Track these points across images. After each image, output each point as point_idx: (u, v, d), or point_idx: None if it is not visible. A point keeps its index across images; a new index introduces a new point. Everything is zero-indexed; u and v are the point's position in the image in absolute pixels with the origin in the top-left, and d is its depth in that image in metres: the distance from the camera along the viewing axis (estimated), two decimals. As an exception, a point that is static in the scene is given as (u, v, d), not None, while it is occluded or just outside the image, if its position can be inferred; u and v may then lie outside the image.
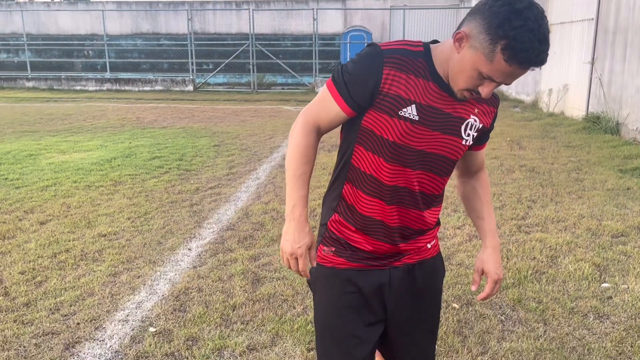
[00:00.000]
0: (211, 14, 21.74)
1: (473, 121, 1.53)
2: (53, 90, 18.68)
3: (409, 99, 1.44)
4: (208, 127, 10.12)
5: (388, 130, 1.46)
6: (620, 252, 3.91)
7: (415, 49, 1.46)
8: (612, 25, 8.80)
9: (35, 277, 3.62)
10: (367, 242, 1.60)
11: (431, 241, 1.70)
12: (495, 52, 1.29)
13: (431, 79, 1.45)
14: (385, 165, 1.50)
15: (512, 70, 1.31)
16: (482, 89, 1.38)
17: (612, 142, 7.66)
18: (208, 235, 4.41)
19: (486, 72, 1.33)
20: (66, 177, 6.19)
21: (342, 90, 1.48)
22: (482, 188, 1.75)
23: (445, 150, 1.52)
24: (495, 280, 1.68)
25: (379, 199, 1.54)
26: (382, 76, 1.43)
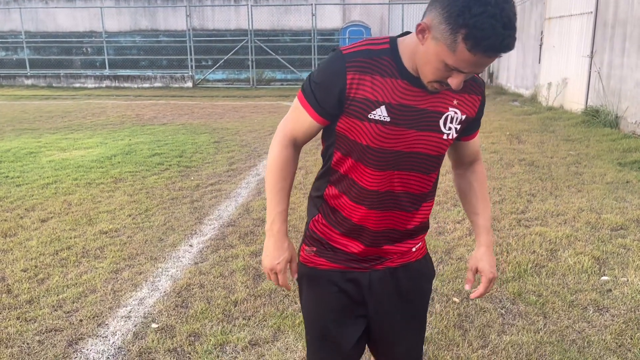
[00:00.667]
0: (210, 10, 21.69)
1: (453, 114, 1.46)
2: (52, 87, 18.67)
3: (377, 101, 1.39)
4: (208, 124, 10.12)
5: (361, 134, 1.43)
6: (620, 245, 3.93)
7: (379, 47, 1.41)
8: (611, 18, 8.79)
9: (37, 274, 3.64)
10: (350, 244, 1.57)
11: (417, 244, 1.65)
12: (457, 42, 1.22)
13: (399, 76, 1.40)
14: (366, 170, 1.47)
15: (477, 60, 1.24)
16: (451, 81, 1.31)
17: (611, 135, 7.67)
18: (209, 231, 4.42)
19: (451, 63, 1.27)
20: (67, 174, 6.20)
21: (311, 100, 1.45)
22: (478, 182, 1.69)
23: (425, 147, 1.46)
24: (489, 278, 1.64)
25: (360, 204, 1.51)
26: (347, 82, 1.39)
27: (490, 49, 1.21)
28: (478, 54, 1.22)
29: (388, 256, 1.60)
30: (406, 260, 1.63)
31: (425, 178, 1.52)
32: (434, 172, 1.54)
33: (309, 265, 1.63)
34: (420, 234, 1.64)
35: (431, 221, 4.49)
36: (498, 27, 1.18)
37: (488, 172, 5.98)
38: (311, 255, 1.62)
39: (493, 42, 1.20)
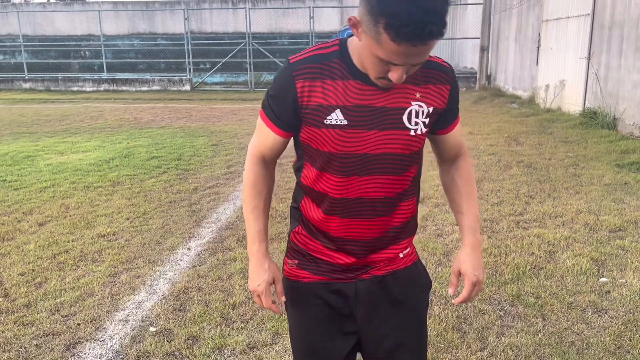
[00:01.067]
0: (208, 13, 21.72)
1: (417, 107, 1.39)
2: (50, 91, 18.66)
3: (330, 105, 1.35)
4: (206, 127, 10.12)
5: (322, 142, 1.38)
6: (618, 246, 3.93)
7: (328, 50, 1.37)
8: (608, 20, 8.82)
9: (35, 278, 3.63)
10: (332, 255, 1.52)
11: (404, 250, 1.56)
12: (380, 33, 1.16)
13: (351, 77, 1.35)
14: (332, 179, 1.42)
15: (405, 50, 1.16)
16: (391, 75, 1.25)
17: (609, 137, 7.68)
18: (207, 234, 4.42)
19: (382, 56, 1.20)
20: (64, 178, 6.19)
21: (269, 114, 1.44)
22: (462, 178, 1.59)
23: (393, 147, 1.39)
24: (472, 282, 1.52)
25: (333, 214, 1.46)
26: (297, 90, 1.35)
27: (413, 37, 1.14)
28: (402, 43, 1.15)
29: (374, 264, 1.53)
30: (394, 267, 1.54)
31: (399, 179, 1.44)
32: (407, 172, 1.46)
33: (292, 279, 1.57)
34: (405, 238, 1.56)
35: (429, 224, 4.49)
36: (418, 14, 1.11)
37: (486, 174, 5.98)
38: (294, 268, 1.57)
39: (414, 30, 1.12)
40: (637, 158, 6.37)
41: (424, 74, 1.40)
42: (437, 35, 1.15)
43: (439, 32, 1.15)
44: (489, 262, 3.72)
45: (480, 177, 5.89)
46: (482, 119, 10.16)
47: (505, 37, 15.07)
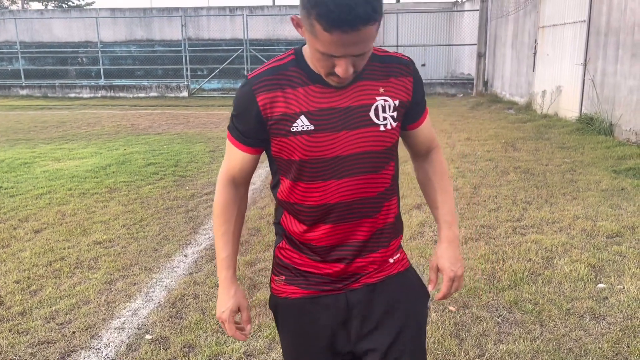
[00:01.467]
0: (205, 19, 21.76)
1: (383, 102, 1.38)
2: (47, 97, 18.64)
3: (294, 113, 1.35)
4: (203, 133, 10.12)
5: (292, 151, 1.37)
6: (616, 252, 3.93)
7: (284, 61, 1.38)
8: (603, 26, 8.86)
9: (30, 285, 3.60)
10: (316, 266, 1.48)
11: (393, 254, 1.52)
12: (313, 25, 1.18)
13: (311, 82, 1.35)
14: (308, 187, 1.40)
15: (338, 38, 1.16)
16: (337, 70, 1.25)
17: (605, 142, 7.70)
18: (204, 241, 4.40)
19: (321, 49, 1.21)
20: (61, 184, 6.17)
21: (234, 133, 1.44)
22: (435, 173, 1.57)
23: (365, 145, 1.38)
24: (450, 277, 1.51)
25: (315, 224, 1.43)
26: (259, 105, 1.35)
27: (341, 23, 1.14)
28: (333, 31, 1.15)
29: (363, 271, 1.48)
30: (386, 273, 1.50)
31: (377, 177, 1.42)
32: (384, 169, 1.44)
33: (280, 296, 1.54)
34: (391, 239, 1.52)
35: (427, 230, 4.48)
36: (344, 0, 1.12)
37: (483, 180, 5.98)
38: (281, 284, 1.54)
39: (340, 15, 1.12)
40: (634, 164, 6.38)
41: (383, 69, 1.41)
42: (365, 18, 1.14)
43: (367, 15, 1.14)
44: (487, 268, 3.72)
45: (477, 183, 5.89)
46: (479, 124, 10.17)
47: (502, 44, 15.13)
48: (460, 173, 6.34)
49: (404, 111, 1.44)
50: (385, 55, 1.43)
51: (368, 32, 1.18)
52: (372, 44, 1.25)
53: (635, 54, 7.80)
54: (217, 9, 22.35)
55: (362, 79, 1.38)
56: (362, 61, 1.27)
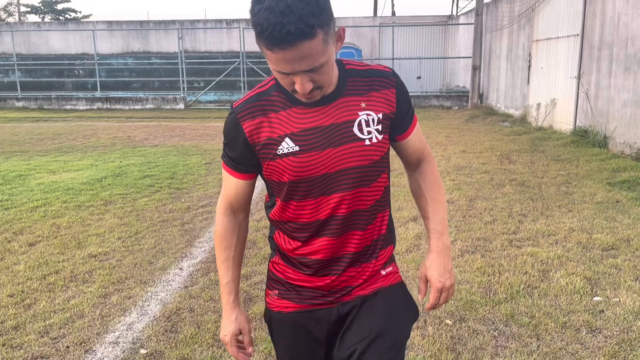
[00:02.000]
0: (202, 32, 21.86)
1: (366, 116, 1.40)
2: (43, 109, 18.64)
3: (279, 136, 1.38)
4: (199, 145, 10.12)
5: (281, 173, 1.41)
6: (611, 265, 3.93)
7: (266, 87, 1.42)
8: (597, 40, 8.94)
9: (24, 299, 3.58)
10: (309, 280, 1.51)
11: (386, 266, 1.54)
12: (260, 46, 1.22)
13: (292, 104, 1.38)
14: (299, 205, 1.44)
15: (280, 55, 1.20)
16: (296, 87, 1.28)
17: (600, 155, 7.74)
18: (199, 254, 4.39)
19: (273, 68, 1.26)
20: (56, 197, 6.15)
21: (227, 160, 1.50)
22: (426, 183, 1.58)
23: (352, 160, 1.40)
24: (438, 288, 1.48)
25: (309, 239, 1.46)
26: (245, 132, 1.40)
27: (274, 41, 1.17)
28: (273, 48, 1.19)
29: (355, 281, 1.49)
30: (378, 285, 1.51)
31: (368, 190, 1.44)
32: (374, 181, 1.45)
33: (274, 310, 1.57)
34: (382, 249, 1.53)
35: (423, 242, 4.48)
36: (275, 17, 1.15)
37: (479, 193, 6.00)
38: (275, 298, 1.57)
39: (273, 33, 1.16)
40: (628, 176, 6.42)
41: (365, 83, 1.43)
42: (297, 34, 1.16)
43: (299, 31, 1.16)
44: (483, 281, 3.71)
45: (473, 195, 5.90)
46: (475, 137, 10.22)
47: (497, 57, 15.25)
48: (455, 185, 6.35)
49: (390, 123, 1.46)
50: (366, 70, 1.45)
51: (309, 47, 1.19)
52: (322, 59, 1.24)
53: (628, 68, 7.87)
54: (213, 21, 22.46)
55: (344, 95, 1.40)
56: (320, 76, 1.28)
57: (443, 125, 12.22)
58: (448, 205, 5.56)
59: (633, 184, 6.13)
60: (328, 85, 1.34)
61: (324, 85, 1.32)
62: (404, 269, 3.95)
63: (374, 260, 1.51)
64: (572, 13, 10.02)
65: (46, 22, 27.29)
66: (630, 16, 7.83)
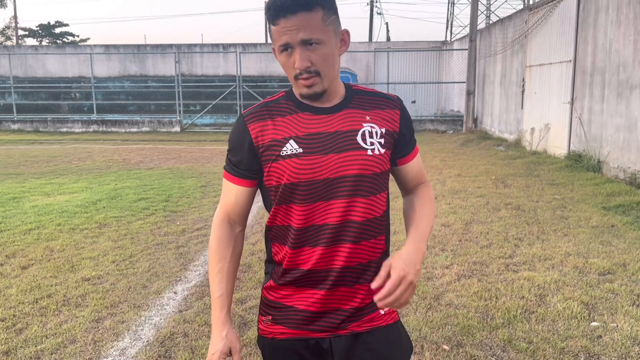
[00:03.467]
0: (199, 56, 22.05)
1: (370, 128, 1.46)
2: (39, 132, 18.64)
3: (284, 138, 1.42)
4: (195, 168, 10.11)
5: (282, 175, 1.42)
6: (608, 290, 3.92)
7: (275, 97, 1.51)
8: (589, 66, 9.07)
9: (15, 324, 3.52)
10: (301, 297, 1.48)
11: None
12: (270, 30, 1.40)
13: (300, 110, 1.45)
14: (297, 209, 1.44)
15: (283, 26, 1.35)
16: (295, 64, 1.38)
17: (594, 179, 7.78)
18: (194, 277, 4.35)
19: (277, 44, 1.38)
20: (50, 220, 6.10)
21: (229, 167, 1.52)
22: (419, 199, 1.57)
23: (353, 168, 1.42)
24: (400, 275, 1.31)
25: (303, 246, 1.45)
26: (251, 134, 1.44)
27: (282, 10, 1.34)
28: (278, 20, 1.35)
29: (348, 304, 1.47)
30: (375, 324, 1.49)
31: (366, 202, 1.44)
32: (374, 195, 1.45)
33: (268, 336, 1.54)
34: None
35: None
36: None
37: (475, 217, 6.00)
38: (268, 324, 1.54)
39: (276, 3, 1.34)
40: (623, 201, 6.44)
41: (370, 100, 1.51)
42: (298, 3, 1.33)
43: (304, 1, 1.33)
44: (480, 306, 3.69)
45: (469, 219, 5.90)
46: (470, 161, 10.27)
47: (491, 82, 15.42)
48: (451, 209, 6.36)
49: (392, 141, 1.50)
50: (372, 91, 1.55)
51: (307, 18, 1.34)
52: (320, 35, 1.36)
53: (620, 93, 7.97)
54: (210, 45, 22.68)
55: (349, 107, 1.47)
56: (317, 56, 1.37)
57: (438, 149, 12.28)
58: (444, 228, 5.56)
59: (628, 208, 6.15)
60: (327, 74, 1.40)
61: (321, 71, 1.39)
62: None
63: (368, 285, 1.46)
64: (564, 39, 10.18)
65: (44, 46, 27.45)
66: (622, 43, 7.96)
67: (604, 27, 8.53)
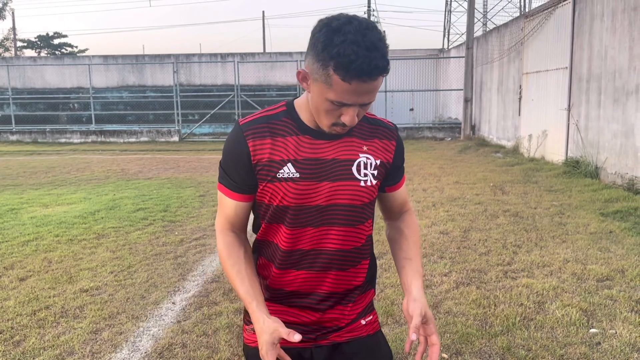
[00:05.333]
0: (197, 66, 22.13)
1: (365, 159, 1.46)
2: (37, 143, 18.65)
3: (282, 160, 1.41)
4: (193, 177, 10.12)
5: (276, 196, 1.43)
6: (606, 296, 3.92)
7: (276, 112, 1.46)
8: (585, 73, 9.12)
9: (13, 336, 3.51)
10: (289, 312, 1.51)
11: (366, 315, 1.55)
12: (330, 75, 1.26)
13: (300, 133, 1.43)
14: (286, 231, 1.44)
15: (355, 87, 1.26)
16: (344, 118, 1.33)
17: (592, 185, 7.79)
18: (192, 288, 4.34)
19: (334, 98, 1.29)
20: (48, 231, 6.10)
21: (225, 181, 1.48)
22: (409, 229, 1.61)
23: (345, 197, 1.44)
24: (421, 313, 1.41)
25: (288, 268, 1.46)
26: (249, 149, 1.41)
27: (361, 74, 1.24)
28: (353, 81, 1.25)
29: (333, 327, 1.50)
30: (355, 334, 1.52)
31: (353, 231, 1.47)
32: (361, 224, 1.48)
33: (252, 345, 1.53)
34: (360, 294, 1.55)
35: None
36: (362, 51, 1.22)
37: (473, 224, 6.00)
38: (251, 333, 1.52)
39: (361, 66, 1.22)
40: (621, 207, 6.45)
41: (369, 129, 1.49)
42: (382, 69, 1.26)
43: (384, 67, 1.26)
44: (479, 313, 3.68)
45: (467, 226, 5.90)
46: (468, 168, 10.28)
47: (488, 89, 15.48)
48: (449, 217, 6.36)
49: (384, 172, 1.52)
50: (373, 118, 1.54)
51: (380, 82, 1.30)
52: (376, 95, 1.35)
53: (617, 100, 8.00)
54: (208, 55, 22.76)
55: (349, 135, 1.46)
56: (365, 110, 1.36)
57: (436, 157, 12.30)
58: (442, 236, 5.56)
59: (626, 214, 6.16)
60: None
61: (359, 119, 1.38)
62: (399, 301, 3.91)
63: (351, 305, 1.53)
64: (560, 47, 10.24)
65: (42, 57, 27.52)
66: (617, 49, 8.01)
67: (600, 34, 8.58)
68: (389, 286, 4.18)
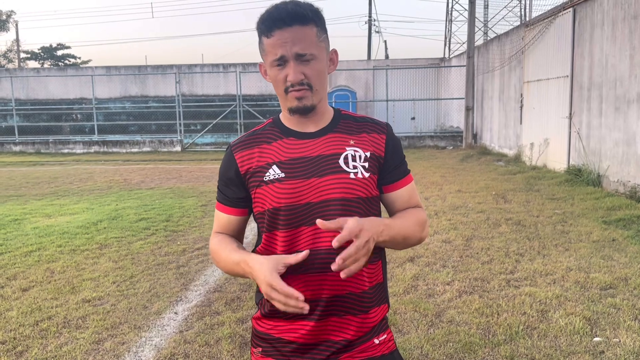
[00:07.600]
0: (199, 76, 22.23)
1: (353, 152, 1.44)
2: (40, 153, 18.71)
3: (267, 164, 1.45)
4: (195, 187, 10.13)
5: (266, 201, 1.43)
6: (610, 304, 3.90)
7: (262, 125, 1.54)
8: (586, 81, 9.13)
9: (15, 347, 3.51)
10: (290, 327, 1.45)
11: (379, 334, 1.47)
12: (262, 42, 1.41)
13: (285, 136, 1.47)
14: (281, 235, 1.42)
15: (278, 37, 1.36)
16: (288, 77, 1.39)
17: (594, 194, 7.78)
18: (195, 297, 4.34)
19: (270, 58, 1.39)
20: (51, 241, 6.11)
21: (219, 197, 1.56)
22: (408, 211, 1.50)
23: (336, 192, 1.40)
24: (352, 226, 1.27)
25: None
26: (237, 162, 1.48)
27: (276, 22, 1.36)
28: (272, 32, 1.37)
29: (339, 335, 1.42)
30: (369, 354, 1.43)
31: None
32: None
33: None
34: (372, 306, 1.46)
35: (420, 283, 4.45)
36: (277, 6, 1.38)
37: (475, 232, 6.00)
38: (259, 356, 1.51)
39: (274, 14, 1.36)
40: (623, 214, 6.44)
41: (357, 126, 1.50)
42: (295, 15, 1.35)
43: (296, 13, 1.36)
44: (482, 322, 3.67)
45: (469, 235, 5.89)
46: (470, 176, 10.28)
47: (489, 97, 15.51)
48: (452, 225, 6.35)
49: (378, 165, 1.46)
50: (361, 117, 1.55)
51: (302, 31, 1.36)
52: (314, 49, 1.39)
53: (618, 108, 8.01)
54: (210, 66, 22.87)
55: (334, 131, 1.47)
56: (310, 70, 1.39)
57: (438, 165, 12.30)
58: (445, 245, 5.55)
59: (628, 222, 6.15)
60: (319, 90, 1.42)
61: (313, 85, 1.40)
62: (402, 310, 3.91)
63: (363, 315, 1.43)
64: (561, 55, 10.27)
65: (45, 68, 27.69)
66: (618, 58, 8.03)
67: (600, 43, 8.61)
68: (390, 295, 4.18)
